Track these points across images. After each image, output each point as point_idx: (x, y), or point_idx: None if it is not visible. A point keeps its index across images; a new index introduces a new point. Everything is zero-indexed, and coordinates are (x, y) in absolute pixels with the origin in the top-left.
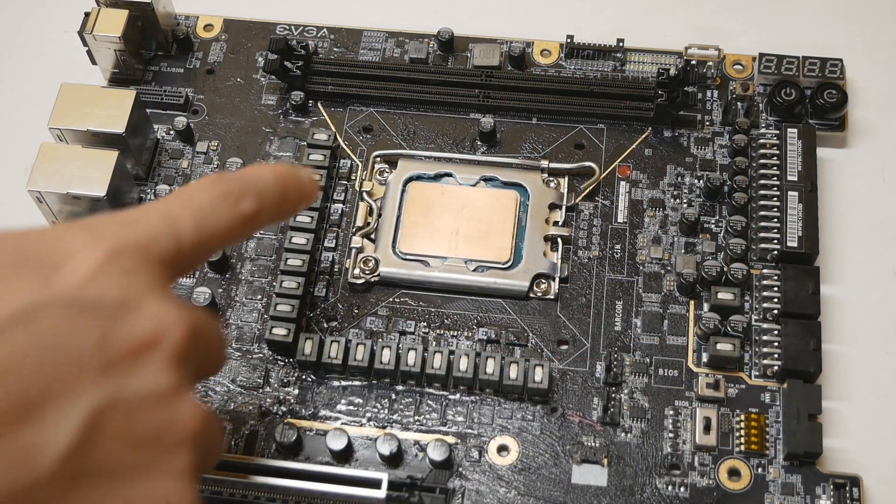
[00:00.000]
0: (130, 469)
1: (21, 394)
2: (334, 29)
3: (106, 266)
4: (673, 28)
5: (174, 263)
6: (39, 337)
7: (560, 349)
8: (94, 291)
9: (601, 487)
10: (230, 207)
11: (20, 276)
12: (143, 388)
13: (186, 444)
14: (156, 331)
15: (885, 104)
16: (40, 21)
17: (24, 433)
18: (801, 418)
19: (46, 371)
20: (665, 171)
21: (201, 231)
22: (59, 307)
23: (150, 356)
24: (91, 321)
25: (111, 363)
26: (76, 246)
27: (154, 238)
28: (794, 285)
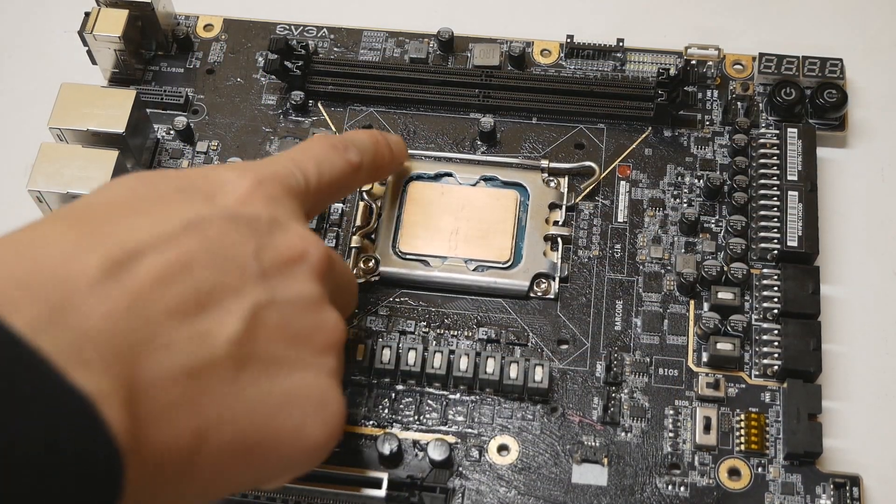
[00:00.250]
0: (288, 362)
1: (196, 288)
2: (334, 29)
3: (255, 191)
4: (673, 28)
5: (305, 199)
6: (208, 242)
7: (560, 349)
8: (249, 210)
9: (601, 487)
10: (340, 155)
11: (185, 198)
12: (294, 292)
13: (334, 348)
14: (303, 247)
15: (885, 104)
16: (40, 21)
17: (200, 320)
18: (801, 418)
19: (216, 270)
20: (665, 170)
21: (321, 174)
22: (223, 220)
23: (298, 267)
24: (249, 233)
25: (266, 270)
26: (228, 177)
27: (287, 174)
28: (794, 285)
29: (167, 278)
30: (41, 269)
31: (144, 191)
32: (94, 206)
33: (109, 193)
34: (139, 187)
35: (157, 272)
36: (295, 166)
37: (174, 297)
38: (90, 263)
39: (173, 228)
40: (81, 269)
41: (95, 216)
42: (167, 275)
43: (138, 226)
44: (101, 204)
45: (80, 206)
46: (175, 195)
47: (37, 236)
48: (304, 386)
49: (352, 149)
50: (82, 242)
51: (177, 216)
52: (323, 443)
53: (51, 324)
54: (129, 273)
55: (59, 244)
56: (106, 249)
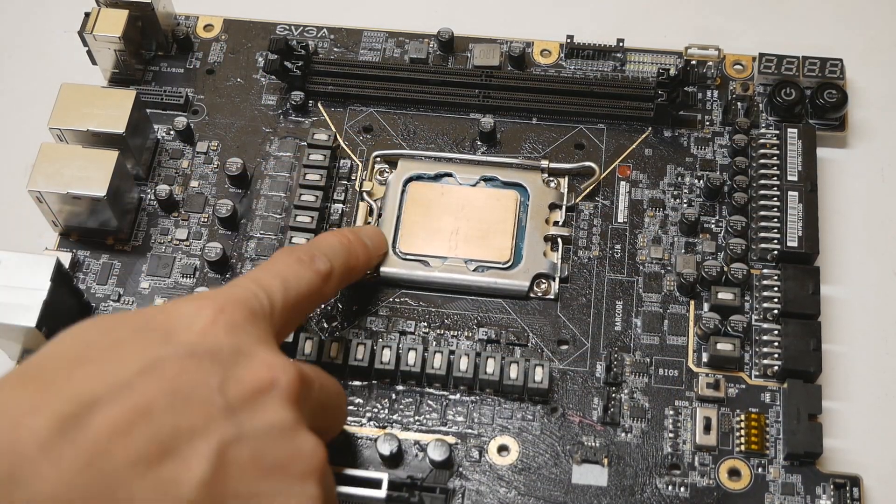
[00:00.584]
0: (266, 496)
1: (157, 433)
2: (334, 29)
3: (216, 322)
4: (673, 28)
5: (271, 320)
6: (167, 383)
7: (560, 349)
8: (210, 342)
9: (601, 487)
10: (307, 268)
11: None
12: (264, 422)
13: (314, 474)
14: (271, 373)
15: (885, 104)
16: (40, 21)
17: (164, 467)
18: (801, 418)
19: (177, 412)
20: (665, 171)
21: (287, 290)
22: (181, 357)
23: (268, 396)
24: (211, 367)
25: (232, 403)
26: (186, 310)
27: (250, 297)
28: (794, 285)
29: (124, 428)
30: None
31: (98, 338)
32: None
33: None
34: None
35: (113, 423)
36: (258, 287)
37: (134, 447)
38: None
39: (128, 374)
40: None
41: (45, 371)
42: (124, 424)
43: (90, 375)
44: (52, 357)
45: (32, 362)
46: (130, 337)
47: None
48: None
49: (319, 258)
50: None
51: (132, 360)
52: None
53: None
54: (83, 428)
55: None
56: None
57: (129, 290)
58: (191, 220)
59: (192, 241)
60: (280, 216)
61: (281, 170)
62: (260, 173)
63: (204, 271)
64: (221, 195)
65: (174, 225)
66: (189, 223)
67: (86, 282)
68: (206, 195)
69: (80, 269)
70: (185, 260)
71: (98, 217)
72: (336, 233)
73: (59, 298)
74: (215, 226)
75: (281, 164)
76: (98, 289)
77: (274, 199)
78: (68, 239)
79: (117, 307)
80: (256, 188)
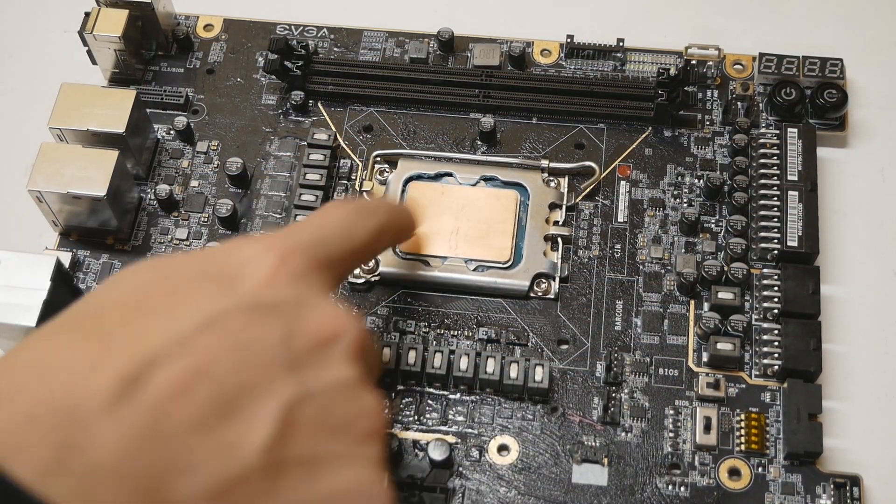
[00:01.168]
0: (330, 458)
1: (220, 393)
2: (334, 29)
3: (278, 270)
4: (673, 28)
5: (331, 269)
6: (230, 339)
7: (560, 349)
8: (273, 293)
9: (601, 487)
10: (364, 220)
11: (203, 288)
12: (329, 379)
13: (376, 434)
14: (335, 327)
15: (885, 104)
16: (40, 21)
17: (226, 430)
18: (801, 418)
19: (240, 370)
20: (665, 170)
21: (345, 241)
22: (244, 310)
23: (332, 351)
24: (274, 321)
25: (297, 358)
26: (248, 255)
27: (312, 244)
28: (794, 285)
29: (186, 388)
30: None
31: (155, 285)
32: (104, 307)
33: (119, 292)
34: (149, 280)
35: (175, 383)
36: (319, 234)
37: (196, 409)
38: (101, 385)
39: (189, 328)
40: (94, 392)
41: (105, 322)
42: (186, 384)
43: (152, 329)
44: (109, 305)
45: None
46: (191, 284)
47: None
48: (348, 482)
49: (374, 213)
50: (92, 359)
51: (192, 312)
52: None
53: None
54: (144, 389)
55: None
56: (118, 365)
57: None
58: (191, 220)
59: (192, 240)
60: (280, 216)
61: (281, 170)
62: (260, 173)
63: None
64: (221, 195)
65: (174, 225)
66: (189, 223)
67: (86, 282)
68: (206, 195)
69: (80, 268)
70: None
71: (98, 217)
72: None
73: (59, 298)
74: (215, 226)
75: (281, 163)
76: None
77: (274, 199)
78: (68, 239)
79: None
80: (256, 188)
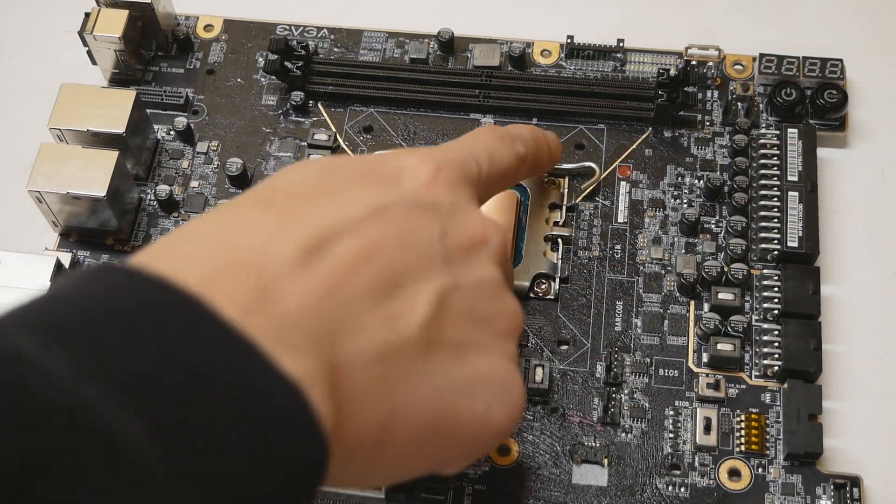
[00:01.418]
0: (473, 346)
1: (387, 271)
2: (334, 29)
3: (436, 177)
4: (673, 28)
5: (478, 187)
6: (395, 226)
7: (560, 349)
8: (432, 194)
9: (601, 487)
10: (508, 147)
11: (369, 184)
12: (477, 276)
13: (514, 333)
14: (483, 232)
15: (885, 104)
16: (40, 21)
17: (391, 303)
18: (801, 418)
19: (403, 254)
20: (665, 171)
21: (492, 163)
22: (407, 204)
23: (480, 252)
24: (432, 218)
25: (451, 254)
26: (409, 163)
27: (464, 161)
28: (795, 285)
29: (359, 262)
30: (242, 254)
31: (326, 176)
32: (285, 189)
33: (297, 177)
34: (324, 172)
35: (350, 256)
36: (470, 154)
37: (367, 281)
38: (289, 248)
39: (362, 212)
40: (281, 254)
41: (287, 200)
42: (359, 259)
43: (329, 210)
44: (291, 187)
45: (271, 188)
46: (358, 179)
47: (234, 221)
48: (488, 370)
49: (518, 142)
50: (279, 227)
51: (364, 200)
52: (506, 428)
53: (257, 308)
54: (324, 257)
55: (256, 229)
56: (302, 234)
57: None
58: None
59: None
60: None
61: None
62: (260, 173)
63: None
64: (221, 195)
65: (174, 225)
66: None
67: None
68: (206, 195)
69: (79, 269)
70: None
71: (98, 217)
72: (527, 127)
73: None
74: None
75: (281, 164)
76: None
77: None
78: (68, 239)
79: None
80: None
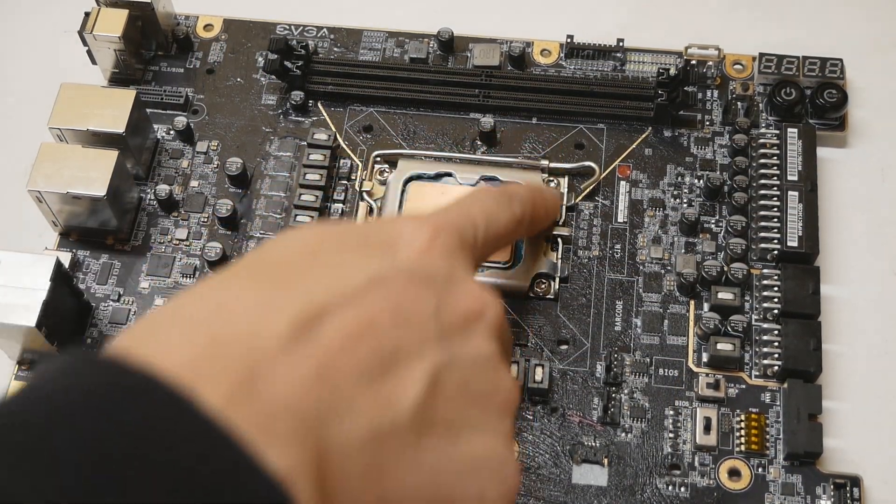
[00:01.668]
0: (468, 425)
1: (380, 349)
2: (334, 29)
3: (433, 243)
4: (673, 28)
5: (474, 251)
6: (391, 299)
7: (560, 349)
8: (428, 264)
9: (601, 487)
10: (505, 209)
11: (366, 253)
12: (473, 352)
13: (510, 410)
14: (481, 304)
15: (885, 104)
16: (40, 21)
17: (383, 383)
18: (801, 418)
19: (398, 330)
20: (665, 170)
21: (489, 226)
22: (404, 275)
23: (477, 326)
24: (429, 290)
25: (446, 328)
26: (405, 228)
27: (462, 226)
28: (794, 285)
29: (353, 339)
30: (229, 333)
31: (321, 245)
32: (275, 260)
33: (288, 246)
34: (317, 240)
35: (344, 333)
36: (467, 218)
37: (360, 360)
38: (279, 325)
39: (357, 284)
40: (270, 333)
41: (278, 271)
42: (353, 335)
43: (321, 282)
44: (281, 257)
45: (259, 260)
46: (354, 248)
47: (222, 296)
48: (483, 450)
49: (516, 202)
50: (269, 301)
51: (359, 271)
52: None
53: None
54: (317, 335)
55: (245, 305)
56: (293, 309)
57: (129, 290)
58: (191, 220)
59: (192, 240)
60: (280, 216)
61: (281, 170)
62: (260, 173)
63: (204, 271)
64: (221, 195)
65: (174, 225)
66: (189, 223)
67: (86, 282)
68: (206, 195)
69: (80, 268)
70: (185, 260)
71: (98, 217)
72: (524, 186)
73: (59, 298)
74: (215, 226)
75: (281, 163)
76: (98, 289)
77: (274, 199)
78: (68, 239)
79: (117, 307)
80: (256, 188)
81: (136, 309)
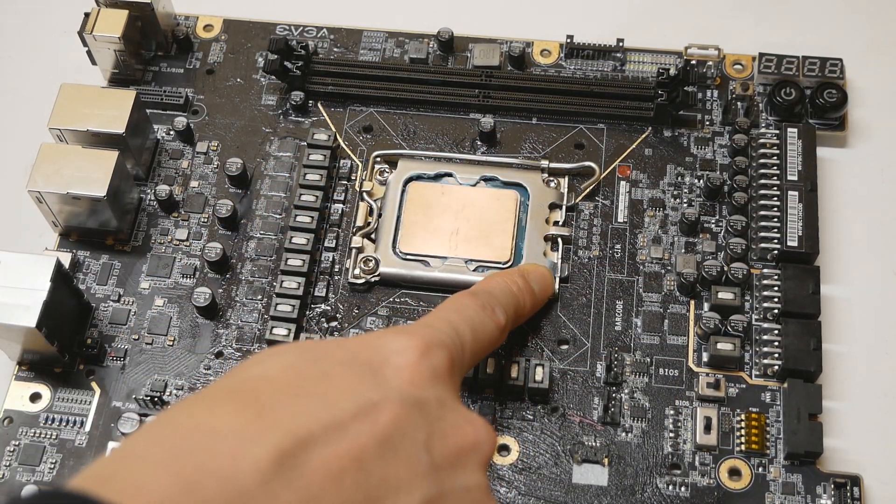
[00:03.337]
0: None
1: (367, 481)
2: (334, 29)
3: (421, 364)
4: (673, 28)
5: (461, 366)
6: (380, 431)
7: (560, 349)
8: (418, 389)
9: (602, 487)
10: (489, 317)
11: (354, 375)
12: (463, 484)
13: None
14: (475, 437)
15: (885, 104)
16: (40, 21)
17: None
18: (801, 418)
19: (386, 463)
20: (665, 170)
21: (475, 339)
22: (394, 404)
23: (469, 458)
24: (419, 419)
25: (437, 460)
26: (393, 346)
27: (449, 342)
28: (795, 285)
29: (338, 473)
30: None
31: (307, 367)
32: (257, 384)
33: (271, 367)
34: (301, 363)
35: (329, 466)
36: (454, 332)
37: (344, 495)
38: (260, 458)
39: (344, 414)
40: (251, 466)
41: (260, 397)
42: (338, 469)
43: (306, 409)
44: (263, 382)
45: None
46: (340, 371)
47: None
48: None
49: (499, 308)
50: (250, 431)
51: (346, 399)
52: None
53: None
54: (300, 467)
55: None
56: (276, 440)
57: (129, 290)
58: (191, 220)
59: (192, 241)
60: (280, 216)
61: (281, 170)
62: (260, 173)
63: (204, 271)
64: (221, 195)
65: (174, 225)
66: (189, 223)
67: (86, 282)
68: (206, 195)
69: (80, 269)
70: (185, 260)
71: (98, 217)
72: (507, 277)
73: (59, 298)
74: (215, 226)
75: (281, 164)
76: (98, 289)
77: (274, 199)
78: (68, 239)
79: (117, 308)
80: (256, 188)
81: (136, 309)
